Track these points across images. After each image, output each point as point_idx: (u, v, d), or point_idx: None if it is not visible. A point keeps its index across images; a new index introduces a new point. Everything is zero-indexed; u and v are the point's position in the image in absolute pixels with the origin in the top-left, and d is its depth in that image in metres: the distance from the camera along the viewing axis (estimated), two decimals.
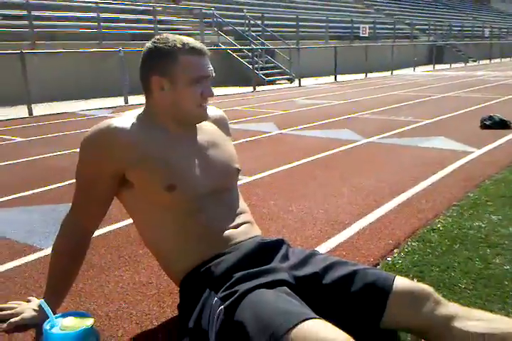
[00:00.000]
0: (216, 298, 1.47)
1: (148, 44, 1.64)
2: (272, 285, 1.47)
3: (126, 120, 1.63)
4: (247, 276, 1.51)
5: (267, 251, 1.65)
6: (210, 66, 1.64)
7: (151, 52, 1.62)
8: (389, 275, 1.58)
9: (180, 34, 1.72)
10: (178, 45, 1.59)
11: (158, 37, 1.64)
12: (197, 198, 1.64)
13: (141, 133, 1.62)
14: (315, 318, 1.30)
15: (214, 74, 1.66)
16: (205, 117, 1.70)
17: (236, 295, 1.43)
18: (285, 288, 1.48)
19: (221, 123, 1.87)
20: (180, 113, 1.64)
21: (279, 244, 1.72)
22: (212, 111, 1.89)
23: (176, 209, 1.63)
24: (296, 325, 1.26)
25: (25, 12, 11.54)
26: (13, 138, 6.22)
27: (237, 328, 1.36)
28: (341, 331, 1.25)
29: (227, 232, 1.66)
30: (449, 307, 1.52)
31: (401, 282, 1.56)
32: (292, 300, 1.40)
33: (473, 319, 1.48)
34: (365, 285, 1.54)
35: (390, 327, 1.56)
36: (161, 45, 1.61)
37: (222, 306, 1.43)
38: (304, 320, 1.27)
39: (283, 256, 1.66)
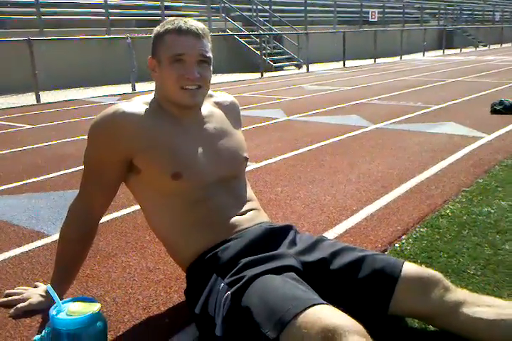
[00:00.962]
0: (223, 284, 1.47)
1: None
2: (279, 270, 1.46)
3: (133, 105, 1.62)
4: (254, 262, 1.50)
5: (274, 236, 1.64)
6: (199, 46, 1.57)
7: (152, 35, 1.64)
8: (397, 261, 1.57)
9: None
10: (169, 26, 1.58)
11: (165, 21, 1.64)
12: (203, 186, 1.63)
13: (149, 118, 1.60)
14: (322, 304, 1.29)
15: (207, 55, 1.59)
16: (190, 102, 1.61)
17: (243, 281, 1.42)
18: (292, 273, 1.47)
19: (231, 110, 1.85)
20: (168, 95, 1.62)
21: (286, 229, 1.71)
22: (223, 97, 1.86)
23: (183, 196, 1.62)
24: (304, 310, 1.25)
25: None
26: (21, 125, 6.23)
27: (244, 314, 1.36)
28: (349, 316, 1.24)
29: (233, 219, 1.65)
30: (458, 294, 1.50)
31: (409, 268, 1.54)
32: (299, 286, 1.40)
33: (483, 305, 1.47)
34: (373, 271, 1.53)
35: (397, 313, 1.55)
36: (158, 28, 1.62)
37: (229, 292, 1.42)
38: (311, 306, 1.27)
39: (290, 242, 1.65)
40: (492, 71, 12.29)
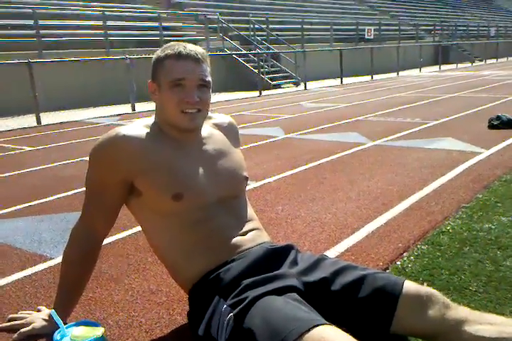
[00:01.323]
0: (225, 306, 1.47)
1: None
2: (281, 291, 1.47)
3: (134, 128, 1.65)
4: (256, 283, 1.51)
5: (275, 256, 1.65)
6: (199, 71, 1.61)
7: (153, 59, 1.67)
8: (398, 280, 1.57)
9: (185, 40, 1.73)
10: (169, 51, 1.62)
11: (165, 45, 1.67)
12: (204, 207, 1.65)
13: (149, 141, 1.63)
14: (325, 324, 1.30)
15: (207, 80, 1.62)
16: (190, 125, 1.64)
17: (245, 303, 1.43)
18: (294, 294, 1.48)
19: (229, 131, 1.87)
20: (168, 119, 1.65)
21: (287, 249, 1.72)
22: (221, 118, 1.90)
23: (184, 217, 1.63)
24: (307, 331, 1.26)
25: (32, 22, 11.64)
26: (22, 147, 6.27)
27: (247, 335, 1.36)
28: (351, 337, 1.24)
29: (235, 240, 1.66)
30: (459, 311, 1.51)
31: (410, 286, 1.55)
32: (302, 307, 1.40)
33: (485, 323, 1.47)
34: (374, 290, 1.53)
35: (399, 332, 1.55)
36: (158, 52, 1.66)
37: (232, 313, 1.43)
38: (314, 326, 1.27)
39: (292, 262, 1.66)
40: (488, 86, 12.39)
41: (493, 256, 2.36)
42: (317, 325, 1.28)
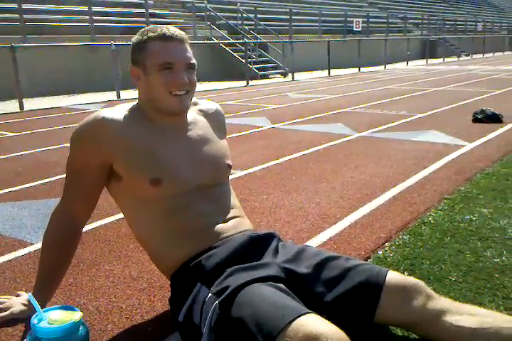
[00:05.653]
0: (210, 294, 1.46)
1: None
2: (264, 279, 1.46)
3: (115, 112, 1.63)
4: (239, 271, 1.50)
5: (257, 244, 1.64)
6: (186, 53, 1.59)
7: (131, 44, 1.65)
8: (381, 271, 1.56)
9: None
10: (150, 34, 1.60)
11: (142, 29, 1.64)
12: (183, 193, 1.63)
13: (129, 125, 1.61)
14: (309, 313, 1.30)
15: (193, 62, 1.61)
16: (179, 107, 1.62)
17: (230, 290, 1.42)
18: (278, 284, 1.47)
19: (215, 118, 1.85)
20: (156, 103, 1.63)
21: (269, 237, 1.71)
22: (208, 105, 1.87)
23: (163, 203, 1.62)
24: (295, 318, 1.27)
25: (15, 5, 11.42)
26: (3, 132, 6.18)
27: (235, 323, 1.36)
28: (334, 325, 1.25)
29: (216, 227, 1.65)
30: (441, 302, 1.51)
31: (393, 277, 1.55)
32: (285, 296, 1.40)
33: (465, 314, 1.48)
34: (358, 283, 1.52)
35: (382, 322, 1.55)
36: (137, 36, 1.63)
37: (217, 301, 1.42)
38: (302, 314, 1.28)
39: (274, 251, 1.65)
40: (474, 80, 12.47)
41: (473, 246, 2.38)
42: (305, 314, 1.29)
